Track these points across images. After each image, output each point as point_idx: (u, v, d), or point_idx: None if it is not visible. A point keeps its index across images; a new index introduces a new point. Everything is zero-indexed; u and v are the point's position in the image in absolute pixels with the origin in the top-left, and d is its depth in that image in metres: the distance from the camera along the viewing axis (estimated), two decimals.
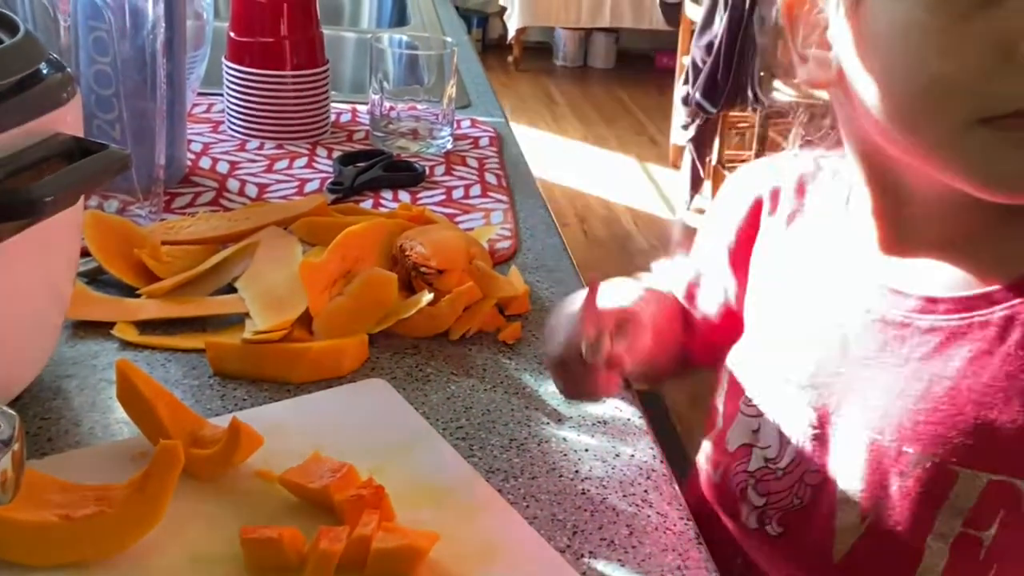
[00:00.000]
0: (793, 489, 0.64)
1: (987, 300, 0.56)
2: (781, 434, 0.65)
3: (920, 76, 0.52)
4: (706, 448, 0.73)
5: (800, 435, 0.64)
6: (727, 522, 0.70)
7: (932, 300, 0.58)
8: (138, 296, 0.77)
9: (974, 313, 0.56)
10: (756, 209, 0.71)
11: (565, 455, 0.65)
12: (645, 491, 0.62)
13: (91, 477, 0.57)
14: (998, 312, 0.55)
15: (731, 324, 0.73)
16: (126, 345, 0.72)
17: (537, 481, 0.62)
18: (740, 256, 0.72)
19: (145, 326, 0.74)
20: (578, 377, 0.64)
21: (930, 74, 0.51)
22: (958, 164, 0.54)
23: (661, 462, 0.66)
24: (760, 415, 0.67)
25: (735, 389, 0.70)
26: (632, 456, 0.66)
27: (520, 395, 0.71)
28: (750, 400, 0.68)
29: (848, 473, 0.60)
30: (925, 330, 0.58)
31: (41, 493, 0.54)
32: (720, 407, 0.71)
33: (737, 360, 0.70)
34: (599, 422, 0.69)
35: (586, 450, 0.66)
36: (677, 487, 0.64)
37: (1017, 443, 0.54)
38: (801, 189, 0.69)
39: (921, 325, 0.58)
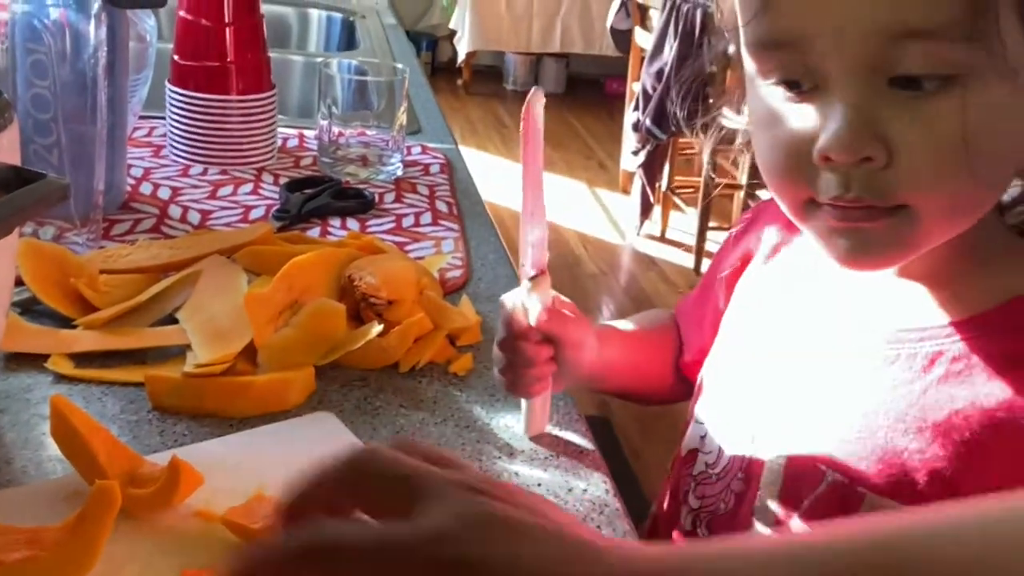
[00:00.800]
0: (721, 495, 0.66)
1: (919, 334, 0.57)
2: (722, 441, 0.67)
3: (764, 157, 0.57)
4: (672, 457, 0.75)
5: (735, 444, 0.66)
6: (671, 525, 0.71)
7: (869, 329, 0.60)
8: (74, 327, 0.75)
9: (904, 345, 0.58)
10: (744, 251, 0.73)
11: None
12: (598, 527, 0.61)
13: (22, 518, 0.54)
14: (927, 347, 0.57)
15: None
16: (61, 378, 0.70)
17: None
18: (728, 286, 0.74)
19: (81, 359, 0.72)
20: (511, 350, 0.66)
21: (768, 158, 0.57)
22: (810, 236, 0.58)
23: (614, 496, 0.65)
24: (708, 422, 0.69)
25: (695, 398, 0.72)
26: (585, 491, 0.65)
27: (472, 428, 0.70)
28: (702, 408, 0.70)
29: (768, 484, 0.62)
30: (856, 355, 0.59)
31: None
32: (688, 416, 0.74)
33: (703, 372, 0.73)
34: (552, 455, 0.68)
35: (539, 485, 0.65)
36: (630, 521, 0.63)
37: (921, 476, 0.55)
38: (791, 224, 0.70)
39: (854, 350, 0.60)
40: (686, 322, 0.80)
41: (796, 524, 0.60)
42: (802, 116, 0.53)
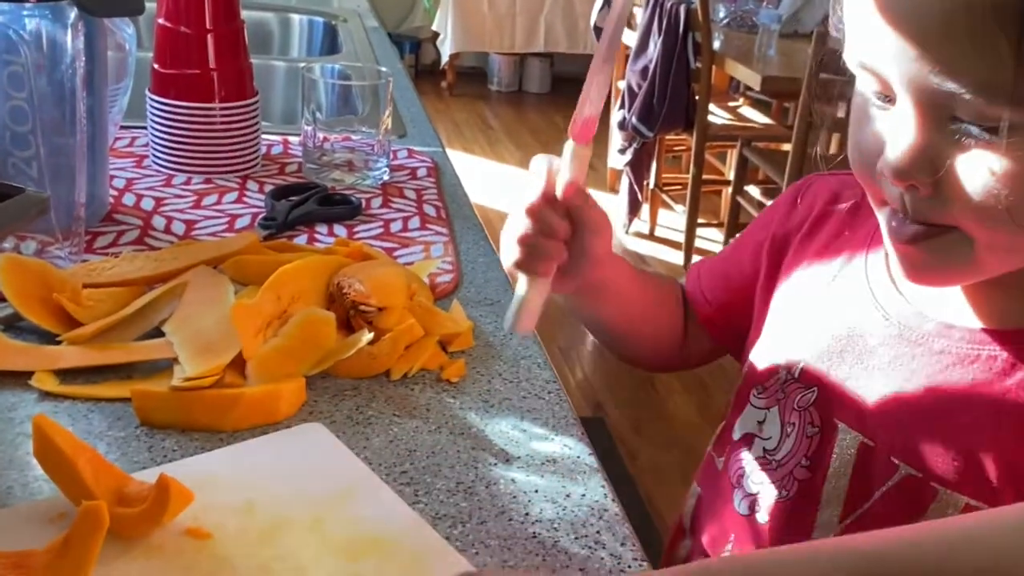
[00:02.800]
0: (783, 481, 0.66)
1: (1000, 337, 0.58)
2: (783, 427, 0.67)
3: (849, 150, 0.59)
4: (714, 437, 0.75)
5: (799, 430, 0.66)
6: (721, 507, 0.71)
7: (949, 327, 0.60)
8: (58, 343, 0.73)
9: (986, 346, 0.58)
10: (805, 215, 0.73)
11: (514, 497, 0.63)
12: (598, 532, 0.60)
13: (8, 541, 0.53)
14: (1008, 351, 0.57)
15: (740, 305, 0.76)
16: (46, 395, 0.69)
17: (486, 526, 0.60)
18: (777, 249, 0.74)
19: (66, 375, 0.71)
20: (537, 216, 0.65)
21: (851, 153, 0.59)
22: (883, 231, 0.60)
23: (613, 500, 0.64)
24: (767, 408, 0.69)
25: (749, 381, 0.72)
26: (583, 495, 0.64)
27: (466, 435, 0.68)
28: (760, 393, 0.70)
29: (836, 473, 0.63)
30: (937, 352, 0.60)
31: None
32: (733, 398, 0.74)
33: (756, 354, 0.72)
34: (548, 461, 0.67)
35: (536, 491, 0.64)
36: (630, 526, 0.63)
37: (996, 473, 0.56)
38: (856, 209, 0.71)
39: (934, 347, 0.60)
40: (708, 273, 0.80)
41: (863, 514, 0.61)
42: (881, 123, 0.55)
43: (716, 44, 3.07)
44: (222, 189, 1.07)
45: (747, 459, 0.69)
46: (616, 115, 3.48)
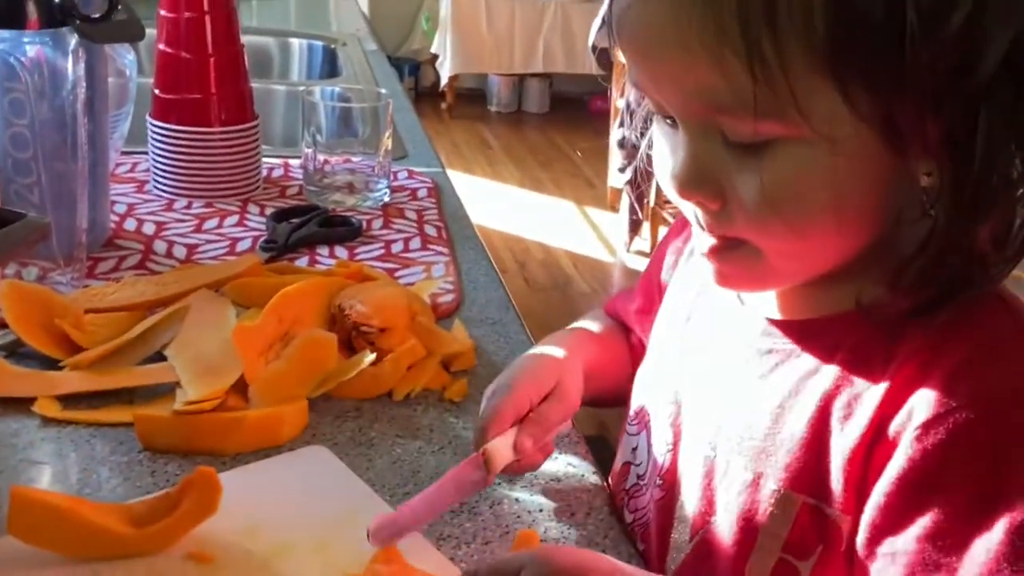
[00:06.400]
0: (647, 507, 0.65)
1: (818, 327, 0.57)
2: (648, 452, 0.66)
3: (654, 164, 0.61)
4: None
5: (658, 452, 0.65)
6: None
7: (772, 323, 0.60)
8: (60, 368, 0.73)
9: (804, 340, 0.57)
10: (683, 241, 0.73)
11: (519, 517, 0.62)
12: (603, 551, 0.60)
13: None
14: (823, 341, 0.56)
15: None
16: (48, 421, 0.68)
17: (491, 546, 0.60)
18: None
19: (68, 400, 0.70)
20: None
21: (656, 166, 0.60)
22: None
23: (618, 519, 0.64)
24: (638, 434, 0.68)
25: (627, 411, 0.71)
26: (588, 514, 0.64)
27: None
28: (632, 420, 0.69)
29: (687, 489, 0.62)
30: (764, 352, 0.59)
31: None
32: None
33: (637, 381, 0.71)
34: (553, 480, 0.67)
35: (540, 510, 0.63)
36: (635, 544, 0.62)
37: (821, 467, 0.54)
38: None
39: (760, 347, 0.59)
40: (636, 318, 0.78)
41: (712, 526, 0.59)
42: (671, 144, 0.55)
43: None
44: (223, 213, 1.08)
45: (625, 488, 0.68)
46: (616, 133, 3.49)
